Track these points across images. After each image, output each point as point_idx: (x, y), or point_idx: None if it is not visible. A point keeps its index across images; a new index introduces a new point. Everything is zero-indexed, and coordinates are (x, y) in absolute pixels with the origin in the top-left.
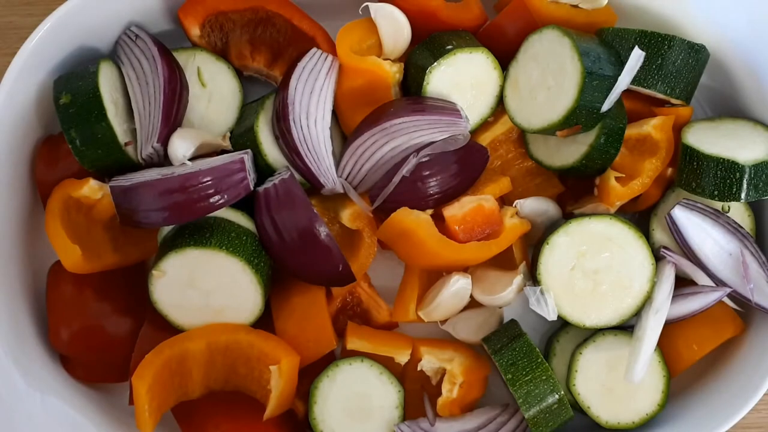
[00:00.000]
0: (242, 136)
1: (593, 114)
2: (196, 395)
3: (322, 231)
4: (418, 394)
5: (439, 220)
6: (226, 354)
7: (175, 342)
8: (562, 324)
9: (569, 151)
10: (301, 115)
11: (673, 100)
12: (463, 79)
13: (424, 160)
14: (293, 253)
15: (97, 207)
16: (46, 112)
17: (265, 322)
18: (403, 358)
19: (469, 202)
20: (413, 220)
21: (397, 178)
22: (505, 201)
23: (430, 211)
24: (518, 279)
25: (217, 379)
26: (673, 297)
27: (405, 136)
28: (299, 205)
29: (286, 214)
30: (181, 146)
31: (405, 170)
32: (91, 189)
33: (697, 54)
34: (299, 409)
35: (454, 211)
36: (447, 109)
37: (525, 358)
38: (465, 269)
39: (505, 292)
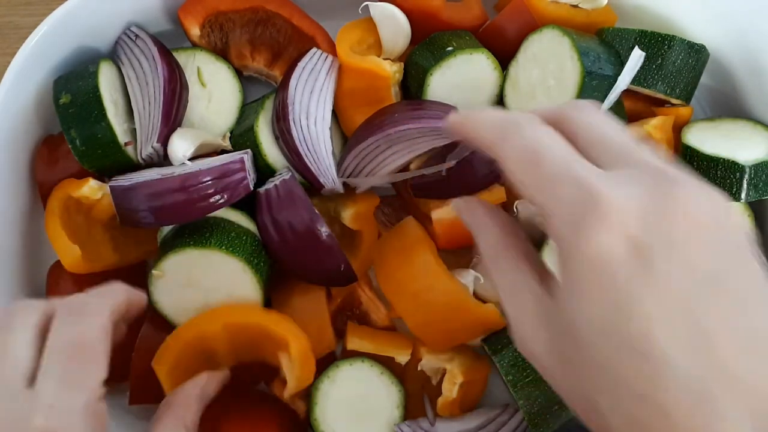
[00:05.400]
0: (242, 136)
1: None
2: (228, 365)
3: (324, 231)
4: (418, 394)
5: (427, 221)
6: (245, 332)
7: (190, 326)
8: None
9: None
10: (301, 115)
11: (673, 100)
12: (464, 80)
13: (465, 153)
14: (295, 252)
15: (97, 207)
16: (46, 112)
17: None
18: (403, 358)
19: None
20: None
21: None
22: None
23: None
24: None
25: (244, 350)
26: None
27: (408, 141)
28: (300, 206)
29: (287, 215)
30: (181, 146)
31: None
32: (91, 189)
33: (697, 54)
34: (300, 409)
35: (441, 215)
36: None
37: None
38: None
39: None
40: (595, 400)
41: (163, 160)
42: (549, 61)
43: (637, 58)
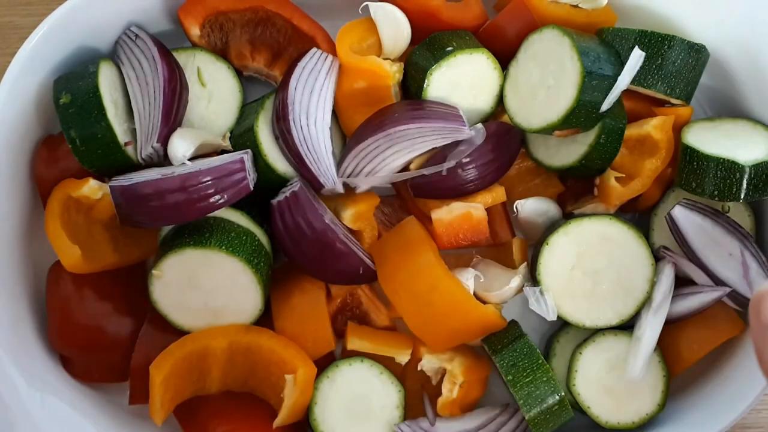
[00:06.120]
0: (242, 136)
1: (593, 114)
2: (213, 391)
3: (338, 239)
4: (418, 394)
5: (427, 221)
6: (247, 356)
7: (198, 337)
8: (562, 324)
9: (569, 151)
10: (301, 115)
11: (673, 100)
12: (464, 79)
13: (465, 159)
14: (312, 260)
15: (97, 207)
16: (46, 112)
17: (265, 322)
18: (403, 358)
19: (458, 207)
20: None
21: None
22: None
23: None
24: (517, 279)
25: (236, 378)
26: (673, 296)
27: (408, 141)
28: (312, 216)
29: (300, 225)
30: (180, 146)
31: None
32: (91, 189)
33: (697, 54)
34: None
35: (441, 215)
36: (450, 115)
37: (526, 359)
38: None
39: (502, 290)
40: None
41: (163, 160)
42: (549, 61)
43: (637, 58)
